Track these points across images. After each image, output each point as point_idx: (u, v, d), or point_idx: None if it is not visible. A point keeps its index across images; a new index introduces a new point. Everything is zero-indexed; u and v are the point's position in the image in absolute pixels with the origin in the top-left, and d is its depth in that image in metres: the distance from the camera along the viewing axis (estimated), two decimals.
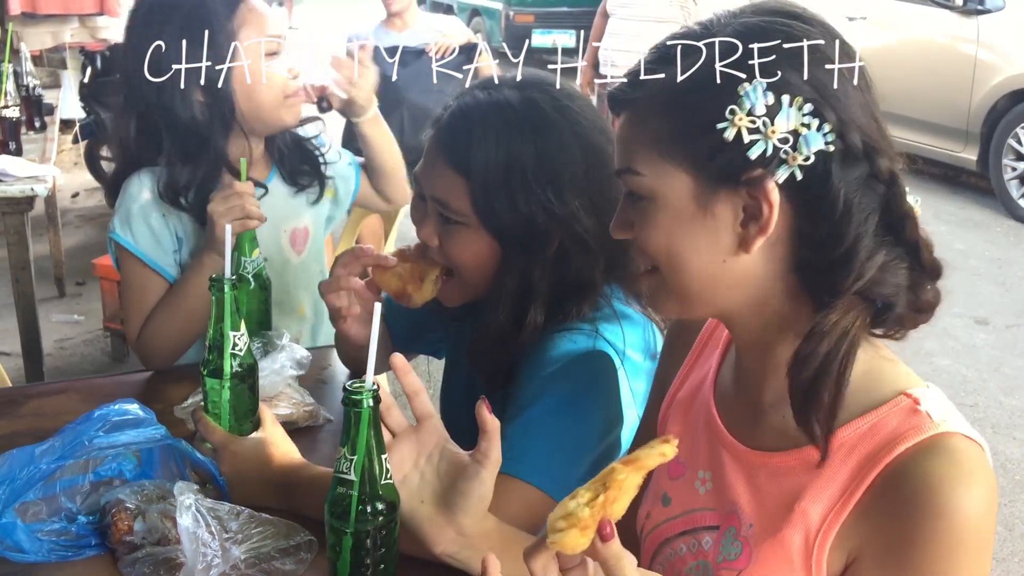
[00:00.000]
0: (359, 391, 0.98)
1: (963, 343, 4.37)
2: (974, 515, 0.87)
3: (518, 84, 1.32)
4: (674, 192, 0.94)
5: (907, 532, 0.88)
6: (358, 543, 1.01)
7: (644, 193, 0.96)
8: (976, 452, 0.91)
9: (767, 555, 0.96)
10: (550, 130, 1.29)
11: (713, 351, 1.15)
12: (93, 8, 5.30)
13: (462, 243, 1.32)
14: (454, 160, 1.30)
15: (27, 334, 3.37)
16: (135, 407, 1.24)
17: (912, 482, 0.88)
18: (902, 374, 0.97)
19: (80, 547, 1.24)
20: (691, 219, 0.94)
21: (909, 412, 0.92)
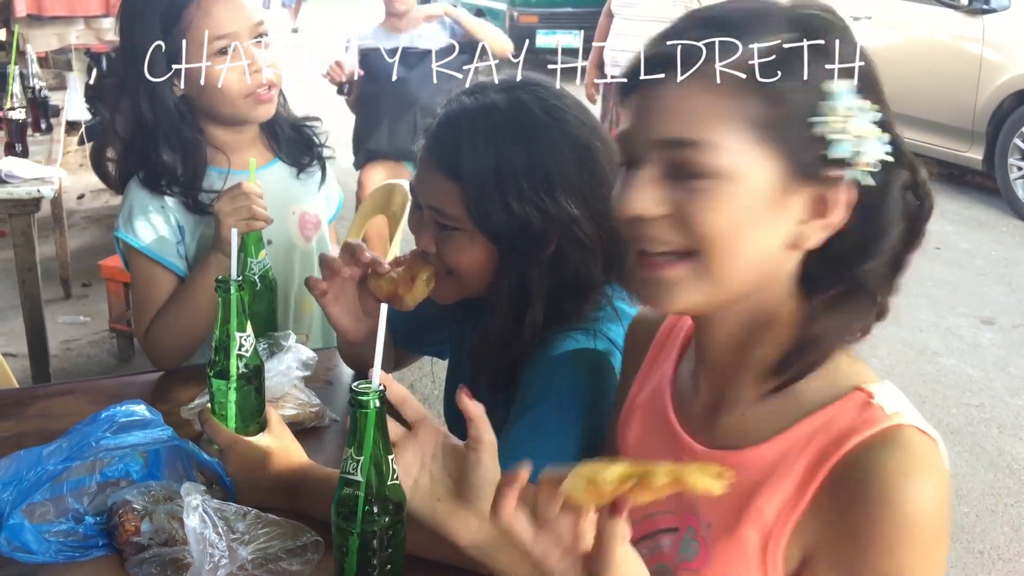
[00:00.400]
0: (365, 392, 0.98)
1: (969, 343, 4.37)
2: (925, 507, 0.86)
3: (505, 87, 1.33)
4: (757, 175, 0.90)
5: (858, 525, 0.88)
6: (365, 544, 1.01)
7: (711, 170, 0.89)
8: (929, 445, 0.90)
9: (723, 553, 0.96)
10: (539, 131, 1.29)
11: (670, 352, 1.14)
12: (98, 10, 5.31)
13: (459, 248, 1.33)
14: (445, 167, 1.31)
15: (33, 335, 3.38)
16: (142, 408, 1.25)
17: (862, 474, 0.88)
18: (859, 370, 0.97)
19: (87, 548, 1.24)
20: (766, 206, 0.91)
21: (862, 406, 0.92)
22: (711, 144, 0.89)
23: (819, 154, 0.90)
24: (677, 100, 0.91)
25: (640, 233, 0.94)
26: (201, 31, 1.70)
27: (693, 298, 0.94)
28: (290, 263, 1.88)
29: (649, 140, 0.92)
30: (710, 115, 0.90)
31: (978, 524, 3.07)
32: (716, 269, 0.92)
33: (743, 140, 0.90)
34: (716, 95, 0.90)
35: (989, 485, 3.29)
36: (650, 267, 0.94)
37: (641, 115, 0.94)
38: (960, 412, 3.75)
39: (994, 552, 2.96)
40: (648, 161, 0.93)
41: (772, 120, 0.90)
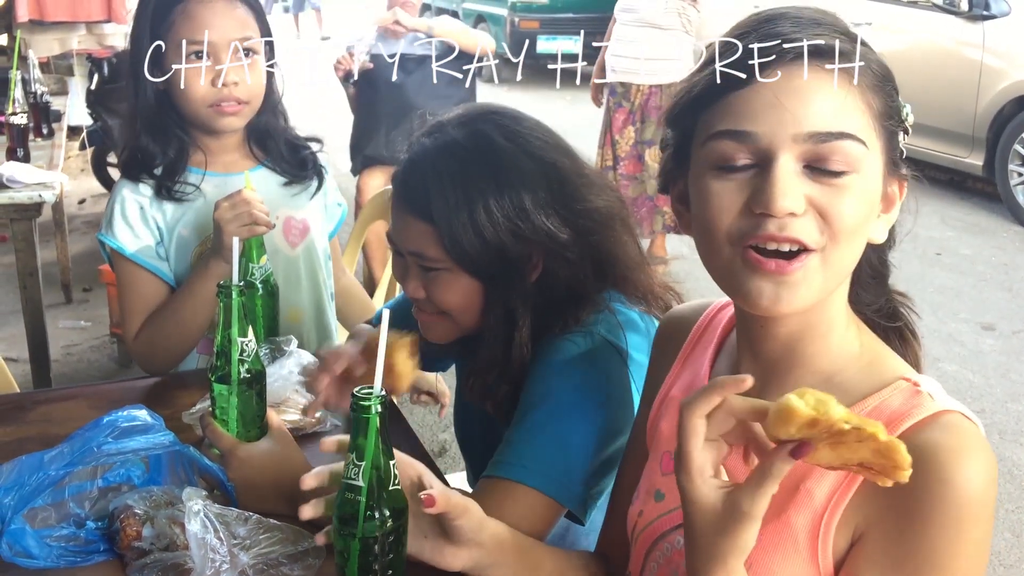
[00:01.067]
0: (367, 397, 0.99)
1: (970, 349, 4.36)
2: (977, 486, 0.88)
3: (462, 120, 1.35)
4: (876, 168, 0.94)
5: (913, 505, 0.89)
6: (366, 549, 1.01)
7: (853, 164, 0.91)
8: (975, 429, 0.93)
9: (769, 537, 0.96)
10: (502, 158, 1.31)
11: (705, 349, 1.15)
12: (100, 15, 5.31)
13: (446, 288, 1.34)
14: (417, 211, 1.32)
15: (34, 340, 3.38)
16: (143, 413, 1.25)
17: (915, 456, 0.87)
18: (900, 362, 1.01)
19: (89, 552, 1.24)
20: (876, 198, 0.95)
21: (911, 393, 0.95)
22: (858, 136, 0.92)
23: (898, 151, 0.97)
24: (822, 94, 0.91)
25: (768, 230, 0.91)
26: (179, 34, 1.74)
27: (814, 294, 0.94)
28: (274, 268, 1.89)
29: (793, 134, 0.91)
30: (854, 107, 0.92)
31: None
32: (837, 261, 0.94)
33: (872, 133, 0.93)
34: (856, 89, 0.92)
35: None
36: (778, 268, 0.92)
37: (774, 109, 0.91)
38: None
39: (995, 558, 2.96)
40: (788, 155, 0.91)
41: (884, 114, 0.95)
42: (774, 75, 0.91)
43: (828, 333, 1.00)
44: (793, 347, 1.01)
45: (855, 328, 1.02)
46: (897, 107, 0.97)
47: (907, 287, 1.06)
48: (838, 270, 0.95)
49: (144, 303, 1.82)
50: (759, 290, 0.93)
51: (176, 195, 1.82)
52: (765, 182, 0.91)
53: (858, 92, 0.92)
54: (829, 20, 0.96)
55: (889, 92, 0.96)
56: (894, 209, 0.99)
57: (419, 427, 3.57)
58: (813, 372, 1.00)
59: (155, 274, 1.84)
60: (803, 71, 0.90)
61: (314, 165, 1.98)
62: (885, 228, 0.99)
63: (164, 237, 1.85)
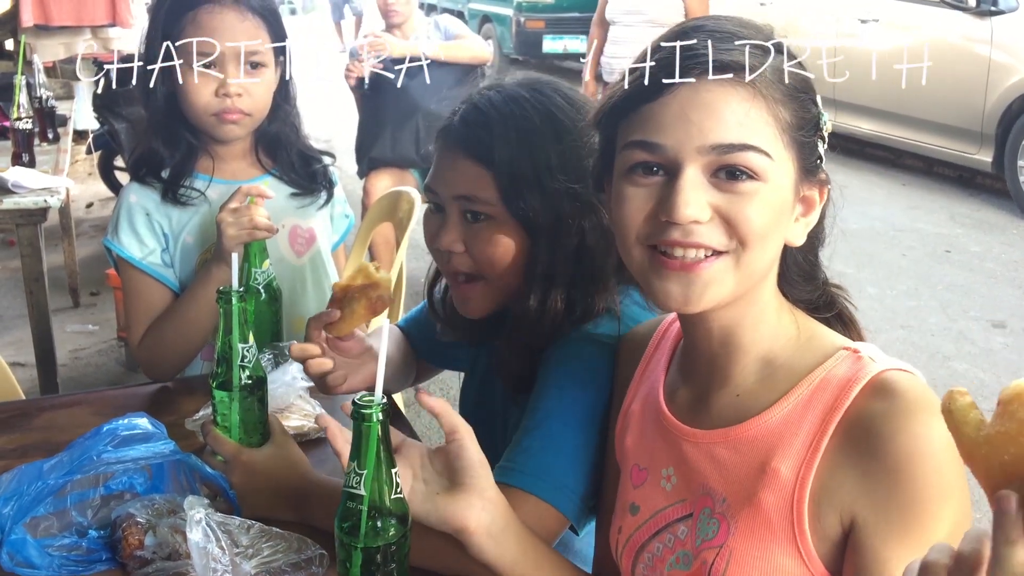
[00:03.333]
0: (368, 405, 0.97)
1: (980, 347, 4.34)
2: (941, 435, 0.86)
3: (523, 82, 1.36)
4: (785, 178, 0.98)
5: (885, 467, 0.92)
6: (368, 559, 1.00)
7: (758, 174, 0.96)
8: (918, 382, 0.96)
9: (746, 523, 0.99)
10: (564, 118, 1.32)
11: (660, 360, 1.18)
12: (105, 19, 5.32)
13: (490, 239, 1.31)
14: (477, 154, 1.30)
15: (41, 345, 3.38)
16: (144, 421, 1.24)
17: (875, 422, 0.93)
18: (839, 336, 1.06)
19: (91, 562, 1.23)
20: (787, 205, 1.00)
21: (853, 360, 1.00)
22: (762, 150, 0.96)
23: (815, 158, 1.01)
24: (728, 107, 0.96)
25: (672, 235, 0.97)
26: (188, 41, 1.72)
27: (726, 291, 0.99)
28: (279, 277, 1.87)
29: (698, 146, 0.95)
30: (758, 120, 0.96)
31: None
32: (748, 264, 0.98)
33: (776, 144, 0.97)
34: (762, 101, 0.96)
35: None
36: (683, 268, 0.98)
37: (681, 122, 0.96)
38: None
39: None
40: (693, 166, 0.96)
41: (795, 126, 0.99)
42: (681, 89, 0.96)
43: (760, 322, 1.05)
44: (728, 339, 1.05)
45: (787, 314, 1.07)
46: (813, 117, 1.01)
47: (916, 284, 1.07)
48: (751, 271, 0.99)
49: (148, 309, 1.82)
50: (668, 290, 0.99)
51: (182, 199, 1.83)
52: (671, 191, 0.96)
53: (764, 105, 0.96)
54: (747, 34, 0.99)
55: (803, 103, 1.00)
56: (814, 212, 1.04)
57: (427, 429, 3.56)
58: (754, 358, 1.05)
59: (160, 281, 1.84)
60: (712, 84, 0.95)
61: (324, 178, 1.97)
62: (803, 231, 1.04)
63: (169, 243, 1.85)
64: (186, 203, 1.83)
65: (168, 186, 1.83)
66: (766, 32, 1.02)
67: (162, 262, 1.84)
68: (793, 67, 0.98)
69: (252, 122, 1.83)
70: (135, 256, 1.82)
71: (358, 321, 1.38)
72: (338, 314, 1.38)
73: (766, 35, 1.00)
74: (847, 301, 1.14)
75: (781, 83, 0.98)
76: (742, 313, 1.04)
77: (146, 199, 1.84)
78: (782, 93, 0.98)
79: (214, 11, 1.75)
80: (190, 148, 1.84)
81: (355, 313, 1.37)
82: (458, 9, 12.30)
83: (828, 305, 1.12)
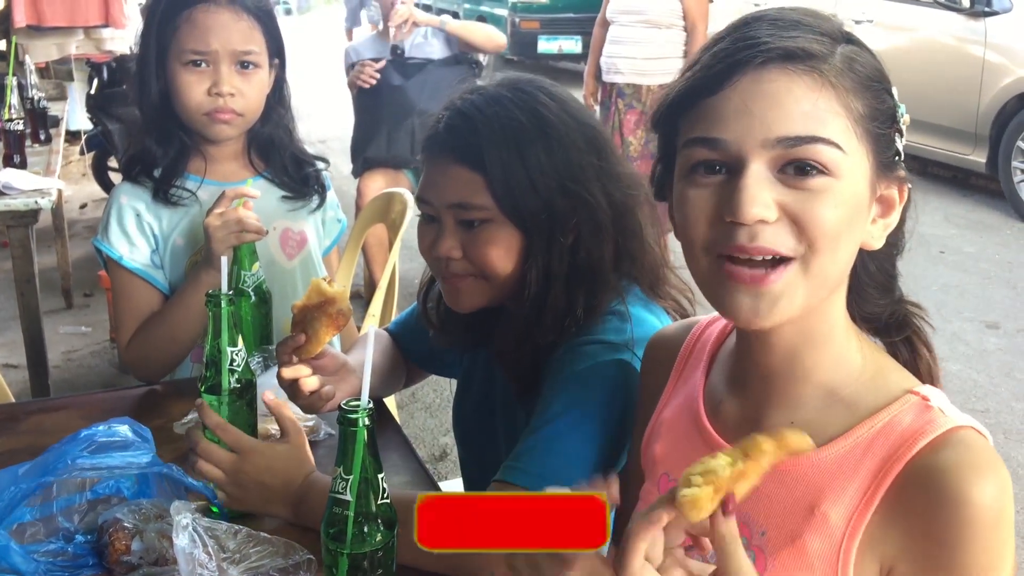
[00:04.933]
0: (354, 410, 0.97)
1: (974, 348, 4.34)
2: (997, 503, 0.87)
3: (504, 83, 1.36)
4: (859, 173, 0.91)
5: (938, 528, 0.87)
6: (355, 565, 1.00)
7: (829, 168, 0.88)
8: (988, 444, 0.92)
9: (785, 562, 0.94)
10: (549, 115, 1.31)
11: (696, 366, 1.12)
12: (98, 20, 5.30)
13: (487, 241, 1.31)
14: (467, 159, 1.30)
15: (32, 347, 3.37)
16: (125, 428, 1.23)
17: (935, 477, 0.88)
18: (905, 374, 0.99)
19: (77, 567, 1.23)
20: (862, 204, 0.92)
21: (921, 409, 0.93)
22: (833, 142, 0.89)
23: (892, 153, 0.94)
24: (792, 97, 0.89)
25: (739, 240, 0.89)
26: (182, 40, 1.75)
27: (797, 304, 0.92)
28: (270, 280, 1.87)
29: (762, 140, 0.89)
30: (827, 111, 0.89)
31: None
32: (820, 270, 0.91)
33: (850, 137, 0.90)
34: (831, 91, 0.89)
35: None
36: (753, 280, 0.90)
37: (743, 115, 0.89)
38: None
39: None
40: (758, 161, 0.89)
41: (869, 117, 0.91)
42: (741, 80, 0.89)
43: (826, 343, 0.97)
44: (792, 359, 0.98)
45: (855, 339, 0.99)
46: (888, 109, 0.94)
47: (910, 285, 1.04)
48: (822, 279, 0.92)
49: (137, 311, 1.82)
50: (738, 303, 0.92)
51: (173, 198, 1.82)
52: (734, 189, 0.89)
53: (834, 95, 0.90)
54: (811, 22, 0.93)
55: (878, 94, 0.93)
56: (893, 214, 0.96)
57: (420, 431, 3.55)
58: (815, 385, 0.98)
59: (149, 282, 1.84)
60: (775, 74, 0.89)
61: (317, 182, 1.97)
62: (882, 234, 0.96)
63: (159, 245, 1.85)
64: (177, 203, 1.83)
65: (159, 185, 1.82)
66: (836, 22, 0.95)
67: (151, 263, 1.84)
68: (867, 56, 0.93)
69: (244, 123, 1.82)
70: (124, 257, 1.82)
71: (324, 339, 1.36)
72: (303, 338, 1.36)
73: (836, 25, 0.95)
74: (925, 322, 1.05)
75: (852, 71, 0.91)
76: (810, 330, 0.96)
77: (136, 200, 1.83)
78: (853, 82, 0.91)
79: (210, 10, 1.75)
80: (183, 147, 1.84)
81: (319, 332, 1.35)
82: (453, 9, 12.30)
83: (899, 326, 1.03)
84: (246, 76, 1.78)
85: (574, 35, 10.34)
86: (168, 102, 1.79)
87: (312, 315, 1.35)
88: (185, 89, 1.75)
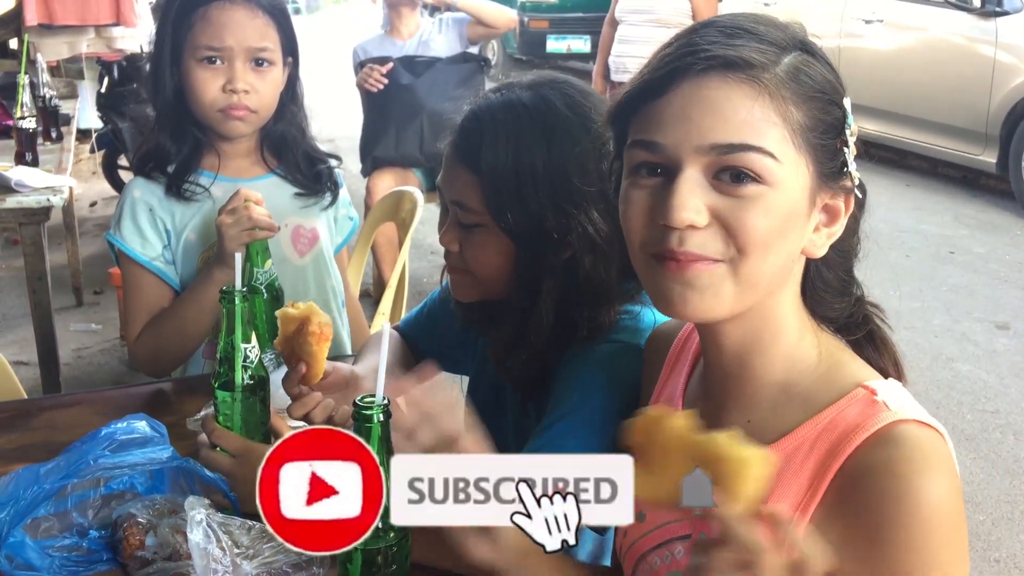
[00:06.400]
0: (369, 406, 0.97)
1: (984, 348, 4.33)
2: (937, 500, 0.87)
3: (531, 84, 1.34)
4: (796, 182, 0.92)
5: (874, 525, 0.88)
6: (369, 560, 1.00)
7: (762, 176, 0.90)
8: (934, 438, 0.91)
9: None
10: (560, 126, 1.29)
11: (682, 368, 1.14)
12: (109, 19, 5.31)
13: (480, 247, 1.32)
14: (468, 161, 1.31)
15: (43, 344, 3.38)
16: (143, 424, 1.23)
17: (872, 473, 0.88)
18: (862, 368, 1.00)
19: (92, 562, 1.23)
20: (798, 212, 0.93)
21: (866, 403, 0.93)
22: (767, 151, 0.90)
23: (838, 164, 0.95)
24: (730, 105, 0.90)
25: (670, 243, 0.92)
26: (197, 37, 1.76)
27: (727, 303, 0.94)
28: (282, 277, 1.87)
29: (696, 146, 0.91)
30: (764, 120, 0.90)
31: (994, 532, 3.04)
32: (749, 273, 0.93)
33: (786, 146, 0.91)
34: (768, 100, 0.91)
35: (1005, 492, 3.25)
36: (674, 268, 0.93)
37: (681, 121, 0.91)
38: (975, 418, 3.72)
39: (1010, 560, 2.92)
40: (693, 166, 0.91)
41: (809, 128, 0.92)
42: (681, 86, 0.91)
43: (775, 343, 0.99)
44: (741, 359, 1.00)
45: (811, 336, 1.01)
46: (835, 120, 0.94)
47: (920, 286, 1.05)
48: (751, 283, 0.93)
49: (148, 306, 1.83)
50: (668, 291, 0.94)
51: (186, 194, 1.83)
52: (668, 193, 0.91)
53: (771, 105, 0.91)
54: (760, 30, 0.94)
55: (823, 105, 0.94)
56: (838, 223, 0.97)
57: None
58: (767, 384, 1.00)
59: (161, 278, 1.84)
60: (714, 82, 0.91)
61: (330, 179, 1.97)
62: (826, 242, 0.97)
63: (172, 241, 1.85)
64: (190, 198, 1.83)
65: (173, 181, 1.83)
66: (791, 30, 0.97)
67: (163, 259, 1.84)
68: (818, 67, 0.94)
69: (258, 120, 1.83)
70: (137, 251, 1.82)
71: (321, 357, 1.35)
72: (304, 366, 1.36)
73: (790, 33, 0.96)
74: (882, 321, 1.07)
75: (795, 82, 0.92)
76: (756, 330, 0.99)
77: (150, 195, 1.84)
78: (795, 93, 0.92)
79: (225, 7, 1.76)
80: (196, 143, 1.84)
81: (312, 354, 1.34)
82: None
83: (860, 325, 1.05)
84: (260, 73, 1.79)
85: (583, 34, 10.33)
86: (182, 99, 1.80)
87: (297, 343, 1.34)
88: (200, 85, 1.76)
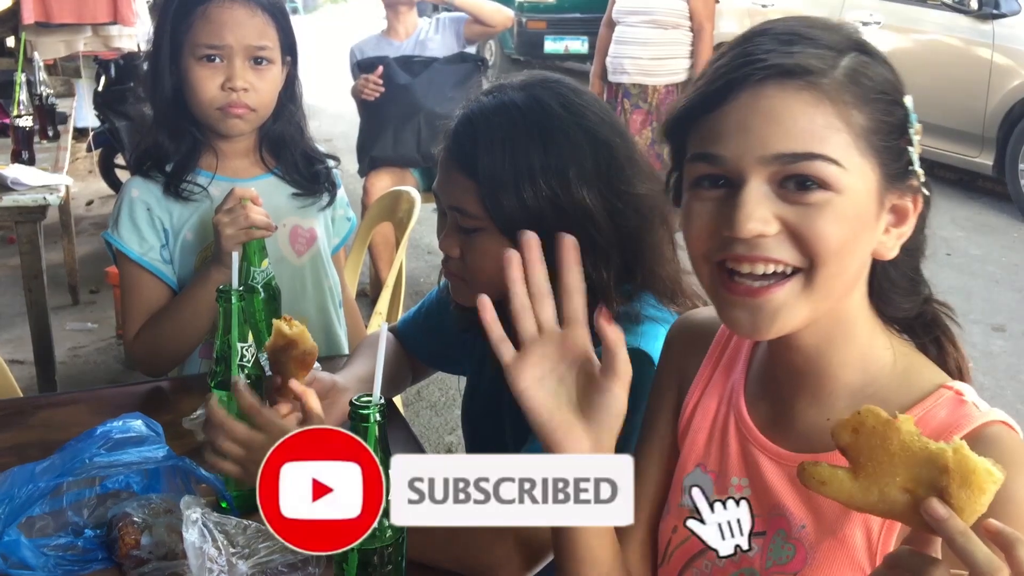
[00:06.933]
0: (366, 405, 0.97)
1: (980, 350, 4.33)
2: None
3: (523, 85, 1.34)
4: (863, 186, 0.91)
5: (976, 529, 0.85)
6: (365, 560, 1.00)
7: (830, 184, 0.89)
8: (1020, 439, 0.93)
9: (827, 555, 0.95)
10: (555, 126, 1.29)
11: (735, 357, 1.12)
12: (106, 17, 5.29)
13: (481, 251, 1.32)
14: (463, 165, 1.30)
15: (39, 342, 3.37)
16: (138, 423, 1.23)
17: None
18: (937, 371, 1.00)
19: (87, 561, 1.23)
20: (868, 216, 0.92)
21: (955, 403, 0.94)
22: (832, 159, 0.89)
23: (903, 164, 0.93)
24: (790, 114, 0.89)
25: (737, 251, 0.91)
26: (196, 35, 1.76)
27: (799, 318, 0.93)
28: (279, 277, 1.86)
29: (760, 156, 0.90)
30: (826, 127, 0.89)
31: None
32: (823, 284, 0.91)
33: (851, 152, 0.90)
34: (829, 106, 0.89)
35: None
36: (749, 293, 0.92)
37: (741, 132, 0.91)
38: None
39: None
40: (757, 177, 0.90)
41: (872, 130, 0.91)
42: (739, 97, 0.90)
43: (848, 342, 0.98)
44: (816, 358, 0.99)
45: (884, 337, 1.00)
46: (898, 121, 0.93)
47: None
48: (826, 292, 0.92)
49: (145, 305, 1.83)
50: (735, 318, 0.94)
51: (184, 193, 1.83)
52: (733, 205, 0.90)
53: (833, 110, 0.90)
54: (815, 34, 0.93)
55: (885, 106, 0.93)
56: (908, 223, 0.96)
57: (425, 429, 3.56)
58: (843, 384, 0.99)
59: (158, 277, 1.84)
60: (772, 91, 0.89)
61: (327, 180, 1.97)
62: (896, 243, 0.96)
63: (169, 240, 1.85)
64: (188, 198, 1.83)
65: (171, 179, 1.83)
66: (845, 31, 0.95)
67: (161, 258, 1.84)
68: (877, 67, 0.93)
69: (257, 118, 1.83)
70: (134, 251, 1.82)
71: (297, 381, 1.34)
72: (279, 380, 1.35)
73: (845, 35, 0.94)
74: (952, 321, 1.06)
75: (856, 85, 0.91)
76: (828, 332, 0.98)
77: (148, 194, 1.84)
78: (856, 96, 0.90)
79: (224, 5, 1.76)
80: (194, 143, 1.84)
81: (288, 376, 1.34)
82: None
83: (927, 326, 1.04)
84: (259, 72, 1.78)
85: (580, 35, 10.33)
86: (181, 97, 1.80)
87: (280, 358, 1.34)
88: (198, 83, 1.76)
